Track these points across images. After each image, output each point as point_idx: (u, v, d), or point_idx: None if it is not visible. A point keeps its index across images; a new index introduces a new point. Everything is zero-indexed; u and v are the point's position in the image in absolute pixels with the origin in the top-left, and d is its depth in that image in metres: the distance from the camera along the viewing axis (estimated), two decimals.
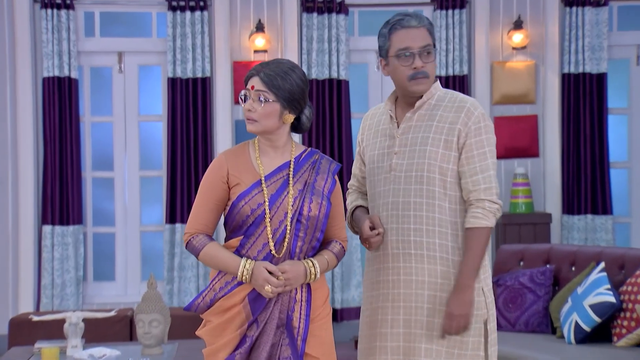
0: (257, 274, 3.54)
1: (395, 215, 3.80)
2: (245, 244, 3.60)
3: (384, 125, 3.94)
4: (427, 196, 3.76)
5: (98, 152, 8.57)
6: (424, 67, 3.78)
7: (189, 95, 8.30)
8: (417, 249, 3.76)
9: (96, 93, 8.56)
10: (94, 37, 8.49)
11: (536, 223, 8.18)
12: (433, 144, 3.77)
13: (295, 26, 8.37)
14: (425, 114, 3.84)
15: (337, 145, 8.37)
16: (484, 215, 3.71)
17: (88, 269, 8.51)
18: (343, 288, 8.43)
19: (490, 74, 8.50)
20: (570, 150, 8.48)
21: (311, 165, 3.71)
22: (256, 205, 3.57)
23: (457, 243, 3.76)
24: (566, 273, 6.40)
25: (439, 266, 3.75)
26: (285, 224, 3.59)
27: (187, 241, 3.66)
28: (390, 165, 3.84)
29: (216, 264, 3.61)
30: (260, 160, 3.65)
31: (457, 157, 3.77)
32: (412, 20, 3.78)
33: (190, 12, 8.30)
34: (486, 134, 3.77)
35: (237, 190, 3.60)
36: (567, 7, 8.48)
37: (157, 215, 8.58)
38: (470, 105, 3.80)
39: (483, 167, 3.74)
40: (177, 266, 8.27)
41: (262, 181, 3.60)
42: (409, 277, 3.77)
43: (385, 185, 3.85)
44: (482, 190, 3.73)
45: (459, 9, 8.41)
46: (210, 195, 3.62)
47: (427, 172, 3.76)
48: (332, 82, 8.40)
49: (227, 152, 3.68)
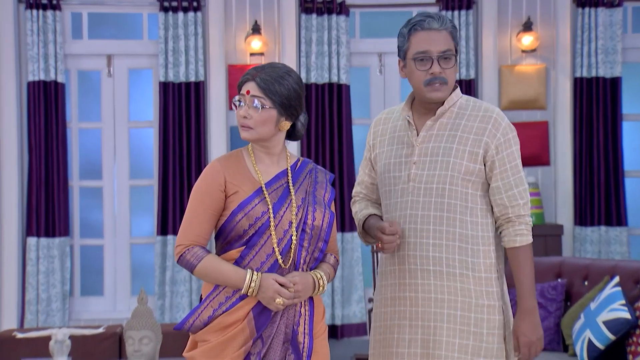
0: (267, 285, 3.51)
1: (413, 230, 3.80)
2: (246, 255, 3.56)
3: (400, 131, 3.93)
4: (448, 210, 3.76)
5: (86, 160, 8.57)
6: (442, 73, 3.77)
7: (181, 100, 8.31)
8: (436, 265, 3.77)
9: (84, 98, 8.56)
10: (81, 39, 8.50)
11: (547, 235, 8.18)
12: (457, 156, 3.77)
13: (293, 28, 8.36)
14: (447, 123, 3.83)
15: (337, 152, 8.34)
16: (528, 232, 3.78)
17: (75, 283, 8.49)
18: (344, 303, 8.41)
19: (498, 78, 8.50)
20: (583, 158, 8.48)
21: (308, 174, 3.73)
22: (260, 214, 3.54)
23: (478, 258, 3.77)
24: (578, 288, 6.41)
25: (459, 283, 3.76)
26: (291, 234, 3.58)
27: (180, 254, 3.59)
28: (409, 175, 3.83)
29: (216, 277, 3.56)
30: (257, 168, 3.64)
31: (481, 169, 3.77)
32: (433, 23, 3.77)
33: (183, 13, 8.31)
34: (515, 146, 3.80)
35: (235, 198, 3.57)
36: (579, 7, 8.48)
37: (147, 226, 8.58)
38: (497, 116, 3.81)
39: (517, 180, 3.78)
40: (169, 280, 8.23)
41: (263, 189, 3.59)
42: (427, 294, 3.78)
43: (402, 196, 3.84)
44: (521, 205, 3.77)
45: (466, 10, 8.42)
46: (205, 204, 3.57)
47: (449, 184, 3.76)
48: (332, 86, 8.39)
49: (221, 159, 3.65)
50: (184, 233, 3.59)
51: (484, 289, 3.77)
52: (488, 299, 3.77)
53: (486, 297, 3.77)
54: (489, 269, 3.78)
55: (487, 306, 3.77)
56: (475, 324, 3.75)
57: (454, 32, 3.78)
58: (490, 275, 3.79)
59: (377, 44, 8.53)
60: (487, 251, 3.79)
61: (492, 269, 3.79)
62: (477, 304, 3.76)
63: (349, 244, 8.33)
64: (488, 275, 3.78)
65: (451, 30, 3.78)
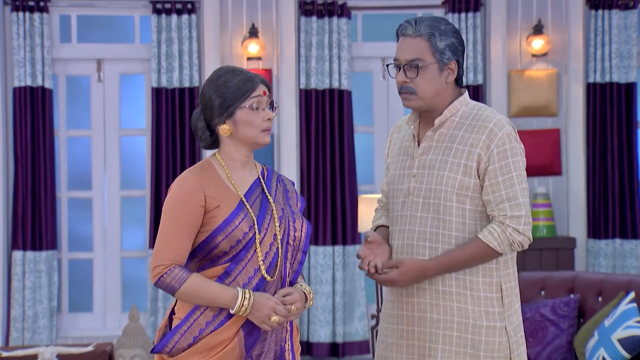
0: (263, 303, 3.50)
1: (409, 246, 3.80)
2: (232, 271, 3.53)
3: (406, 142, 3.94)
4: (444, 227, 3.75)
5: (74, 169, 8.57)
6: (407, 83, 3.76)
7: (175, 107, 8.30)
8: (431, 283, 3.76)
9: (72, 104, 8.56)
10: (70, 42, 8.50)
11: (559, 248, 8.17)
12: (451, 169, 3.74)
13: (292, 31, 8.36)
14: (446, 134, 3.81)
15: (338, 162, 8.33)
16: (498, 237, 3.69)
17: (63, 299, 8.48)
18: (345, 320, 8.39)
19: (508, 84, 8.49)
20: (596, 168, 8.46)
21: (277, 183, 3.76)
22: (247, 228, 3.53)
23: (477, 277, 3.75)
24: (592, 304, 6.37)
25: (456, 303, 3.75)
26: (277, 246, 3.59)
27: (159, 276, 3.51)
28: (409, 188, 3.84)
29: (202, 298, 3.51)
30: (232, 179, 3.63)
31: (477, 184, 3.74)
32: (408, 28, 3.78)
33: (177, 15, 8.31)
34: (513, 157, 3.73)
35: (217, 213, 3.53)
36: (592, 9, 8.46)
37: (139, 239, 8.57)
38: (493, 125, 3.74)
39: (510, 194, 3.71)
40: (161, 296, 8.20)
41: (244, 202, 3.58)
42: (423, 314, 3.79)
43: (402, 210, 3.86)
44: (508, 217, 3.71)
45: (473, 12, 8.41)
46: (183, 221, 3.52)
47: (443, 200, 3.74)
48: (333, 92, 8.39)
49: (194, 172, 3.60)
50: (161, 252, 3.52)
51: (483, 309, 3.74)
52: (488, 320, 3.74)
53: (485, 317, 3.74)
54: (490, 288, 3.76)
55: (487, 327, 3.74)
56: (472, 345, 3.73)
57: (433, 40, 3.73)
58: (491, 295, 3.75)
59: (380, 48, 8.52)
60: (489, 269, 3.76)
61: (493, 288, 3.76)
62: (475, 324, 3.73)
63: (351, 257, 8.31)
64: (488, 295, 3.75)
65: (428, 36, 3.73)
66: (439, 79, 3.77)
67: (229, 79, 3.59)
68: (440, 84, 3.78)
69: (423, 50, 3.73)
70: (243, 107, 3.59)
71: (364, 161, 8.59)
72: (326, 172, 8.28)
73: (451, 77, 3.79)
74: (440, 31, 3.75)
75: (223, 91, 3.57)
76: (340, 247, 8.29)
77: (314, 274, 8.26)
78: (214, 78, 3.61)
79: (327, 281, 8.26)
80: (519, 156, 3.74)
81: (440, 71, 3.76)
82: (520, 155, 3.75)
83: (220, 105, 3.58)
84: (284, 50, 8.32)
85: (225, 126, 3.59)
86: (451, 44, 3.76)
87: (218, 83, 3.59)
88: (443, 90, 3.80)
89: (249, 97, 3.58)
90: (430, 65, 3.74)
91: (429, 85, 3.76)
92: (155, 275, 3.52)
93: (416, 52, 3.73)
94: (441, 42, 3.74)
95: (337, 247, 8.28)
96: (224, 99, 3.57)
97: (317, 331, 8.25)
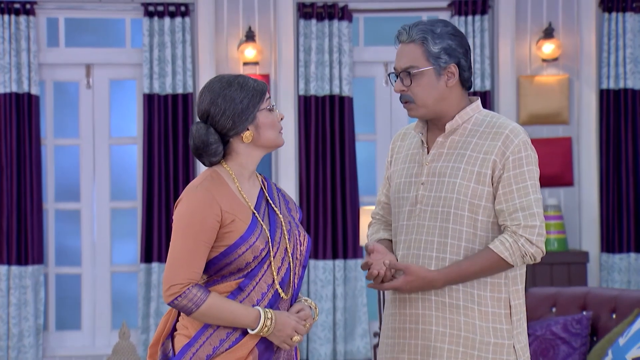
0: (285, 323, 3.55)
1: (415, 255, 3.80)
2: (246, 286, 3.56)
3: (414, 149, 3.94)
4: (453, 237, 3.75)
5: (62, 180, 8.56)
6: (405, 91, 3.79)
7: (168, 114, 8.31)
8: (437, 295, 3.76)
9: (60, 112, 8.57)
10: (57, 47, 8.53)
11: (570, 263, 8.16)
12: (464, 177, 3.74)
13: (290, 35, 8.39)
14: (459, 141, 3.82)
15: (339, 172, 8.34)
16: (510, 248, 3.69)
17: (50, 316, 8.47)
18: (346, 338, 8.40)
19: (516, 90, 8.50)
20: (610, 178, 8.46)
21: (278, 193, 3.79)
22: (264, 244, 3.56)
23: (485, 291, 3.75)
24: (606, 321, 6.34)
25: (462, 317, 3.75)
26: (288, 261, 3.64)
27: (176, 295, 3.50)
28: (416, 197, 3.83)
29: (221, 318, 3.53)
30: (242, 190, 3.64)
31: (490, 192, 3.74)
32: (402, 35, 3.81)
33: (170, 18, 8.32)
34: (528, 166, 3.74)
35: (233, 228, 3.54)
36: (606, 12, 8.48)
37: (130, 253, 8.57)
38: (509, 132, 3.76)
39: (524, 204, 3.71)
40: (153, 312, 8.19)
41: (256, 215, 3.60)
42: (428, 326, 3.77)
43: (408, 219, 3.85)
44: (521, 226, 3.70)
45: (480, 15, 8.43)
46: (200, 237, 3.52)
47: (454, 208, 3.74)
48: (334, 99, 8.40)
49: (206, 185, 3.60)
50: (175, 270, 3.51)
51: (491, 325, 3.73)
52: (495, 337, 3.73)
53: (493, 334, 3.73)
54: (498, 304, 3.75)
55: (494, 344, 3.73)
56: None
57: (426, 44, 3.75)
58: (500, 311, 3.74)
59: (383, 53, 8.52)
60: (497, 284, 3.75)
61: (501, 304, 3.75)
62: (482, 341, 3.72)
63: (352, 272, 8.29)
64: (497, 311, 3.74)
65: (421, 41, 3.75)
66: (437, 84, 3.77)
67: (242, 83, 3.62)
68: (440, 90, 3.78)
69: (417, 56, 3.75)
70: (262, 110, 3.63)
71: (366, 171, 8.58)
72: (326, 182, 8.27)
73: (452, 80, 3.77)
74: (434, 34, 3.75)
75: (242, 96, 3.59)
76: (341, 261, 8.28)
77: (313, 290, 8.23)
78: (222, 87, 3.61)
79: (328, 297, 8.24)
80: (534, 165, 3.75)
81: (439, 76, 3.77)
82: (534, 164, 3.76)
83: (244, 111, 3.59)
84: (282, 55, 8.33)
85: (248, 132, 3.60)
86: (447, 47, 3.75)
87: (231, 90, 3.60)
88: (445, 96, 3.79)
89: (264, 99, 3.64)
90: (426, 71, 3.75)
91: (427, 91, 3.77)
92: (170, 295, 3.50)
93: (410, 59, 3.76)
94: (435, 46, 3.74)
95: (337, 261, 8.26)
96: (247, 105, 3.59)
97: (317, 350, 8.22)
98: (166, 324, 3.66)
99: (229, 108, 3.58)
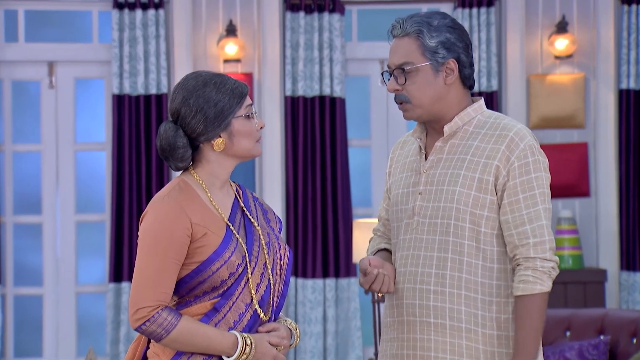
0: (265, 352, 3.59)
1: (413, 273, 3.80)
2: (221, 308, 3.56)
3: (412, 156, 3.95)
4: (454, 251, 3.75)
5: (22, 190, 8.59)
6: (399, 91, 3.81)
7: (139, 117, 8.34)
8: (437, 317, 3.76)
9: (20, 114, 8.60)
10: (17, 42, 8.55)
11: (587, 282, 8.19)
12: (464, 185, 3.75)
13: (276, 29, 8.41)
14: (459, 145, 3.83)
15: (330, 181, 8.36)
16: (535, 279, 3.69)
17: (7, 341, 8.49)
18: None
19: (527, 90, 8.56)
20: (630, 188, 8.49)
21: (254, 202, 3.80)
22: (240, 259, 3.57)
23: (490, 312, 3.76)
24: (625, 346, 6.40)
25: (465, 341, 3.74)
26: (268, 277, 3.65)
27: (144, 320, 3.50)
28: (414, 208, 3.84)
29: (195, 345, 3.53)
30: (213, 201, 3.64)
31: (494, 201, 3.75)
32: (396, 28, 3.82)
33: (142, 10, 8.37)
34: (536, 172, 3.74)
35: (205, 242, 3.55)
36: (625, 4, 8.53)
37: (98, 271, 8.59)
38: (514, 135, 3.76)
39: (532, 215, 3.72)
40: (123, 337, 8.21)
41: (231, 227, 3.60)
42: (427, 352, 3.77)
43: (406, 233, 3.86)
44: (531, 245, 3.70)
45: (487, 8, 8.48)
46: (169, 254, 3.52)
47: (454, 219, 3.75)
48: (324, 99, 8.43)
49: (174, 195, 3.60)
50: (142, 292, 3.50)
51: (496, 350, 3.74)
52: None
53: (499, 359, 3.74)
54: (505, 327, 3.75)
55: None
56: None
57: (422, 37, 3.76)
58: (507, 334, 3.75)
59: (379, 49, 8.55)
60: (504, 304, 3.76)
61: (508, 327, 3.75)
62: None
63: (345, 292, 8.30)
64: (503, 334, 3.75)
65: (417, 35, 3.76)
66: (434, 81, 3.78)
67: (219, 83, 3.61)
68: (438, 87, 3.79)
69: (412, 51, 3.76)
70: (239, 116, 3.61)
71: (360, 180, 8.59)
72: (316, 193, 8.28)
73: (451, 77, 3.78)
74: (431, 27, 3.76)
75: (217, 99, 3.58)
76: (333, 280, 8.29)
77: (301, 312, 8.24)
78: (198, 85, 3.59)
79: (317, 320, 8.25)
80: (543, 171, 3.75)
81: (436, 72, 3.78)
82: (544, 170, 3.76)
83: (217, 116, 3.58)
84: (267, 52, 8.35)
85: (220, 140, 3.59)
86: (445, 40, 3.77)
87: (206, 90, 3.58)
88: (444, 94, 3.80)
89: (243, 105, 3.62)
90: (422, 67, 3.76)
91: (424, 90, 3.78)
92: (137, 320, 3.49)
93: (404, 54, 3.77)
94: (432, 40, 3.75)
95: (328, 280, 8.27)
96: (221, 108, 3.58)
97: None
98: (135, 351, 3.67)
99: (201, 110, 3.57)
